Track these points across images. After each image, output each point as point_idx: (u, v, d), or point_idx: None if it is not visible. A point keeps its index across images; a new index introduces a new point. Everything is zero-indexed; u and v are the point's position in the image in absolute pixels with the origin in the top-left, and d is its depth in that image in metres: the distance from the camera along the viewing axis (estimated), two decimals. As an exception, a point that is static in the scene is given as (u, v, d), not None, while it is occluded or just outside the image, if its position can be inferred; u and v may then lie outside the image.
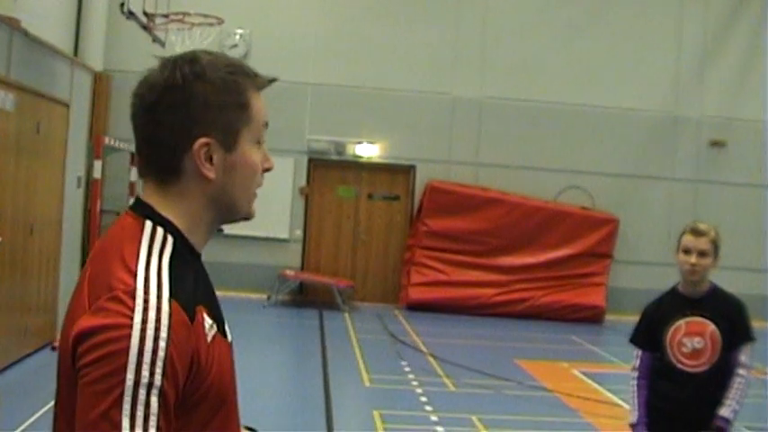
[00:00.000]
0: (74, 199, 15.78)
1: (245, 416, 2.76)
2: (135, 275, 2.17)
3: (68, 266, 15.06)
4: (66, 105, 14.66)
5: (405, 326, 18.96)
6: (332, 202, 22.53)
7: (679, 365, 5.91)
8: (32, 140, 12.84)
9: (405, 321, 19.59)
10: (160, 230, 2.31)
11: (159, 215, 2.33)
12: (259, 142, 2.43)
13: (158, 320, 2.11)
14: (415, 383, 13.33)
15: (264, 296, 20.95)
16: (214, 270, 12.65)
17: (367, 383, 13.35)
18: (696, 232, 5.93)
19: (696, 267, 5.86)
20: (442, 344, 16.99)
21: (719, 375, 5.86)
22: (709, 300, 5.99)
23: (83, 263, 15.91)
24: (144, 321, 2.10)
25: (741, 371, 5.86)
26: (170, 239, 2.30)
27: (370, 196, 22.66)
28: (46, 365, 12.70)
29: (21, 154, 12.37)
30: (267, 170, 2.48)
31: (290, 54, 21.60)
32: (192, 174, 2.34)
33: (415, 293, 21.24)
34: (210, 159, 2.33)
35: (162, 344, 2.09)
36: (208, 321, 2.26)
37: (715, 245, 5.92)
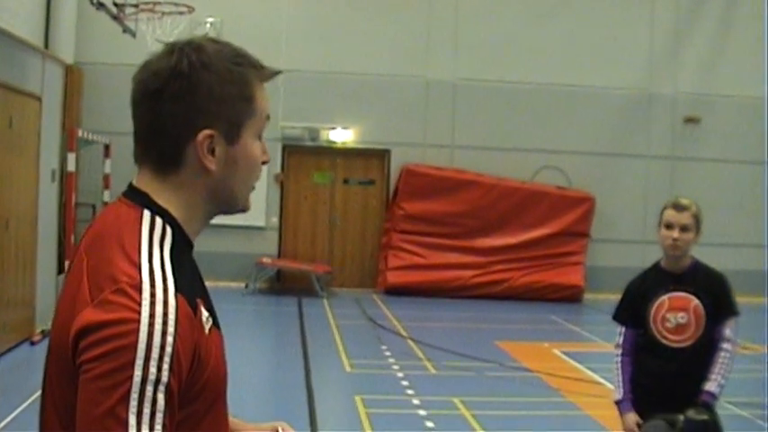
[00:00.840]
0: (48, 192, 15.68)
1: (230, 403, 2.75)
2: (139, 267, 2.12)
3: (45, 260, 14.98)
4: (39, 99, 14.57)
5: (384, 310, 18.96)
6: (307, 188, 22.48)
7: (663, 341, 5.90)
8: (5, 135, 12.76)
9: (384, 306, 19.59)
10: (159, 220, 2.25)
11: (157, 204, 2.28)
12: (260, 135, 2.39)
13: (166, 315, 2.07)
14: (396, 368, 13.33)
15: (242, 285, 20.89)
16: (191, 260, 12.31)
17: (348, 369, 13.33)
18: (678, 207, 5.92)
19: (678, 242, 5.85)
20: (422, 327, 17.01)
21: (704, 350, 5.85)
22: (691, 275, 5.98)
23: (59, 256, 15.84)
24: (152, 316, 2.05)
25: (726, 345, 5.85)
26: (169, 230, 2.26)
27: (345, 181, 22.62)
28: (25, 361, 12.66)
29: (-7, 148, 12.29)
30: (264, 163, 2.42)
31: (262, 41, 21.38)
32: (192, 165, 2.29)
33: (393, 277, 21.22)
34: (213, 151, 2.28)
35: (170, 339, 2.05)
36: (204, 314, 2.23)
37: (697, 219, 5.91)
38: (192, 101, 2.26)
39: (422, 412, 10.76)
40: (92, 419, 2.01)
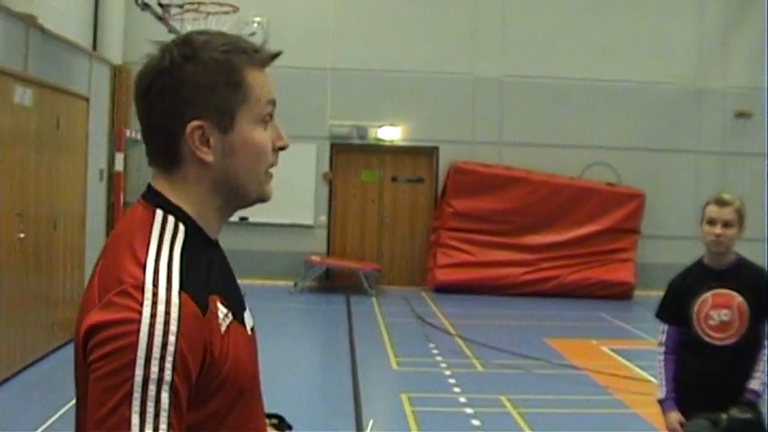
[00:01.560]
0: (97, 192, 15.80)
1: (273, 403, 2.72)
2: (144, 268, 2.13)
3: (93, 260, 14.87)
4: (86, 99, 14.66)
5: (432, 308, 18.92)
6: (356, 186, 22.48)
7: (706, 338, 5.83)
8: (53, 135, 12.85)
9: (432, 303, 19.55)
10: (171, 219, 2.25)
11: (170, 202, 2.28)
12: (265, 121, 2.36)
13: (168, 314, 2.06)
14: (443, 365, 13.29)
15: (291, 283, 20.92)
16: (240, 258, 12.72)
17: (395, 366, 13.33)
18: (720, 202, 5.83)
19: (721, 238, 5.77)
20: (470, 325, 16.94)
21: (748, 348, 5.77)
22: (735, 271, 5.89)
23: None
24: (153, 315, 2.05)
25: None
26: (182, 227, 2.25)
27: (394, 179, 22.59)
28: (73, 360, 12.74)
29: (42, 149, 12.37)
30: (281, 149, 2.40)
31: (309, 40, 21.56)
32: (190, 159, 2.28)
33: (442, 275, 21.17)
34: (207, 143, 2.27)
35: (171, 338, 2.05)
36: (222, 311, 2.21)
37: (740, 215, 5.82)
38: (177, 94, 2.25)
39: (468, 410, 10.73)
40: (97, 419, 2.02)
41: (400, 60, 21.91)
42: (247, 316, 2.40)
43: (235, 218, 14.84)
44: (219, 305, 2.21)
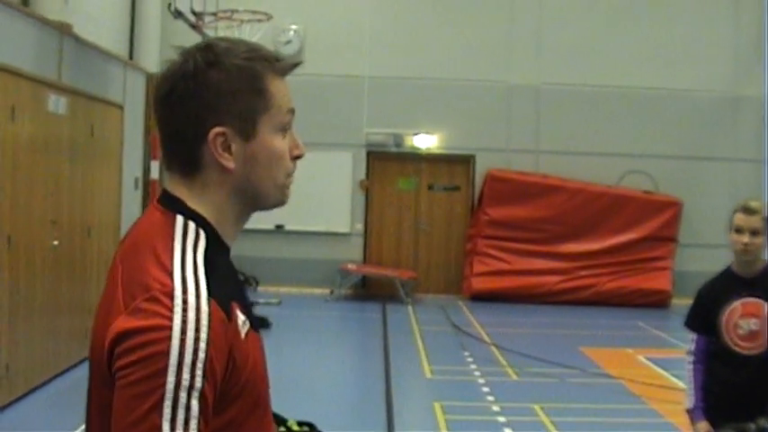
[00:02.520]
0: (131, 200, 15.85)
1: (307, 410, 2.72)
2: (171, 275, 2.12)
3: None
4: (121, 107, 14.72)
5: (468, 316, 18.88)
6: (392, 194, 22.46)
7: (735, 348, 5.76)
8: (87, 143, 12.90)
9: (468, 312, 19.50)
10: (192, 225, 2.25)
11: (189, 209, 2.28)
12: (285, 129, 2.35)
13: (198, 321, 2.06)
14: (477, 374, 13.26)
15: (327, 291, 20.93)
16: (276, 266, 12.93)
17: (428, 375, 13.29)
18: (748, 210, 5.77)
19: (749, 247, 5.71)
20: (506, 333, 16.89)
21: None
22: (764, 279, 5.82)
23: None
24: (184, 322, 2.05)
25: None
26: (202, 234, 2.25)
27: (430, 187, 22.57)
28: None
29: (76, 157, 12.43)
30: (298, 157, 2.39)
31: (345, 48, 21.61)
32: (211, 165, 2.28)
33: (478, 283, 21.13)
34: (229, 149, 2.27)
35: (202, 345, 2.05)
36: (241, 318, 2.20)
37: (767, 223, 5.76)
38: (200, 100, 2.25)
39: (501, 419, 10.69)
40: (125, 426, 2.01)
41: (436, 68, 21.89)
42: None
43: (271, 225, 14.98)
44: (239, 312, 2.20)
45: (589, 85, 22.06)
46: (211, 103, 2.24)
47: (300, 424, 2.62)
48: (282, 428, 7.25)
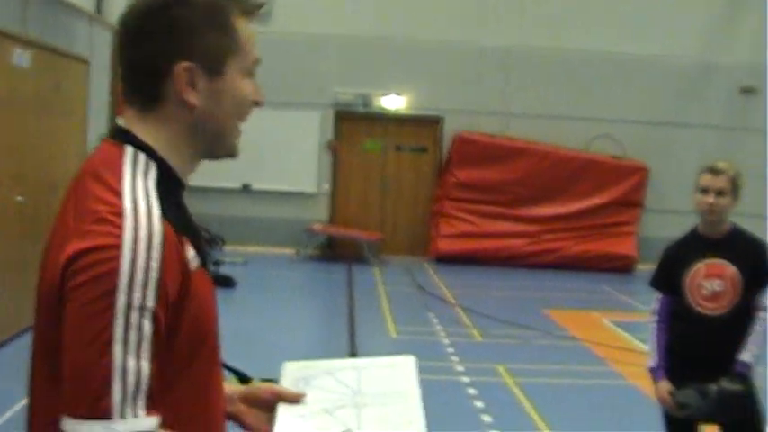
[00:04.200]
0: (97, 156, 15.70)
1: (270, 369, 2.70)
2: (121, 195, 2.08)
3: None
4: (86, 62, 14.57)
5: (433, 278, 18.89)
6: (359, 155, 22.39)
7: (698, 308, 5.76)
8: (52, 98, 12.77)
9: (434, 273, 19.52)
10: (142, 155, 2.21)
11: (140, 140, 2.24)
12: (251, 73, 2.34)
13: (150, 239, 2.02)
14: (442, 334, 13.28)
15: (293, 251, 20.90)
16: (242, 226, 12.91)
17: (394, 335, 13.30)
18: (714, 171, 5.78)
19: (714, 207, 5.71)
20: (471, 295, 16.91)
21: (740, 319, 5.69)
22: (729, 241, 5.82)
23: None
24: (135, 241, 2.00)
25: (762, 314, 5.68)
26: (153, 165, 2.21)
27: (397, 148, 22.51)
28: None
29: (41, 112, 12.30)
30: (257, 104, 2.37)
31: (315, 6, 21.47)
32: (172, 100, 2.25)
33: (444, 245, 21.13)
34: (194, 85, 2.24)
35: (154, 264, 2.01)
36: (191, 252, 2.16)
37: (734, 184, 5.75)
38: (168, 35, 2.23)
39: (465, 379, 10.71)
40: (77, 349, 1.97)
41: (407, 29, 21.77)
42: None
43: (237, 185, 14.88)
44: (189, 246, 2.16)
45: (560, 50, 22.02)
46: (179, 39, 2.23)
47: (265, 381, 2.59)
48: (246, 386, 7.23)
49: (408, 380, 2.59)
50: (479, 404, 9.62)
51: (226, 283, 15.71)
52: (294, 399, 2.47)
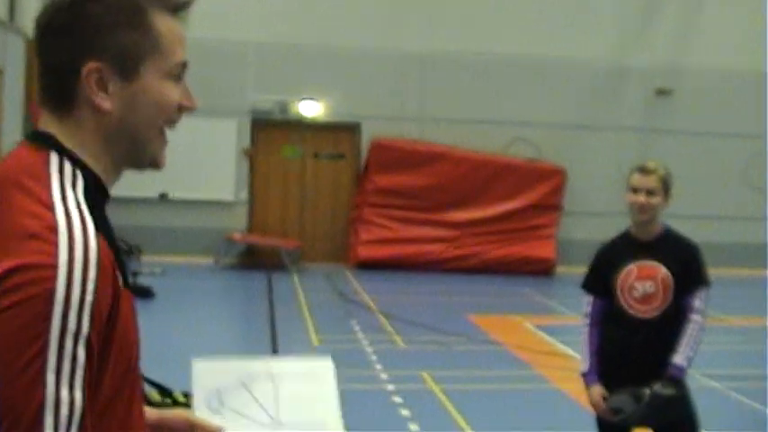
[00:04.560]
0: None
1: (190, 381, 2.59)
2: (52, 208, 1.91)
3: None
4: (0, 72, 14.30)
5: (354, 285, 18.81)
6: (277, 162, 22.26)
7: (630, 310, 5.72)
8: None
9: (354, 280, 19.44)
10: (68, 163, 2.04)
11: (63, 147, 2.07)
12: (175, 76, 2.17)
13: (86, 257, 1.86)
14: (364, 342, 13.18)
15: (211, 260, 20.71)
16: (159, 235, 12.65)
17: (316, 343, 13.18)
18: (644, 170, 5.75)
19: (645, 206, 5.68)
20: (393, 301, 16.86)
21: (672, 321, 5.64)
22: (661, 243, 5.78)
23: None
24: (71, 260, 1.84)
25: (695, 317, 5.63)
26: (80, 174, 2.04)
27: (315, 155, 22.41)
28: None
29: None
30: (188, 109, 2.21)
31: (232, 13, 21.28)
32: (85, 103, 2.08)
33: (365, 252, 21.07)
34: (105, 88, 2.07)
35: (90, 286, 1.85)
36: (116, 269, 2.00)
37: (664, 183, 5.72)
38: (76, 33, 2.07)
39: (390, 387, 10.62)
40: (7, 378, 1.80)
41: (323, 35, 21.68)
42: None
43: (154, 194, 14.64)
44: (115, 261, 2.00)
45: (476, 53, 22.07)
46: (88, 37, 2.06)
47: (186, 395, 2.48)
48: (168, 400, 7.07)
49: (327, 395, 2.47)
50: (406, 412, 9.54)
51: (144, 294, 15.49)
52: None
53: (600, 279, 5.90)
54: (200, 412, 2.42)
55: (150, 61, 2.12)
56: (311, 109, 21.96)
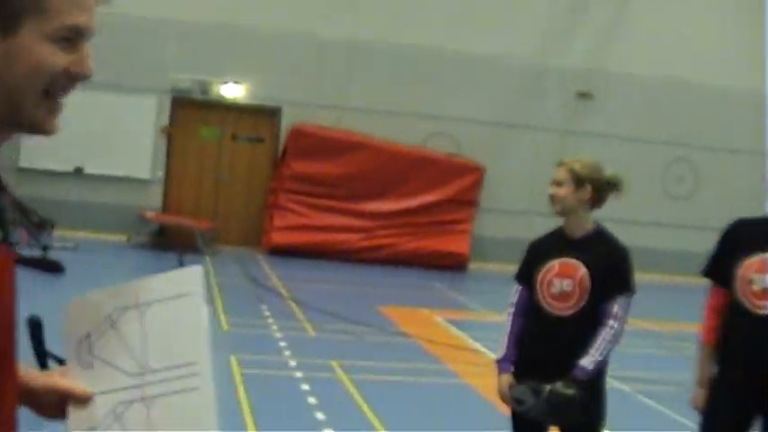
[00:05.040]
0: None
1: None
2: None
3: None
4: None
5: (266, 270, 18.73)
6: (195, 142, 22.06)
7: (546, 306, 5.71)
8: None
9: (267, 266, 19.35)
10: None
11: None
12: (67, 41, 2.01)
13: None
14: (274, 328, 13.12)
15: (124, 237, 20.49)
16: (73, 210, 12.43)
17: (225, 327, 13.07)
18: (558, 164, 5.80)
19: (552, 197, 5.72)
20: (305, 289, 16.80)
21: (585, 322, 5.62)
22: (588, 242, 5.75)
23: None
24: None
25: (611, 322, 5.56)
26: None
27: (234, 138, 22.25)
28: None
29: None
30: (80, 77, 2.05)
31: (155, -11, 21.07)
32: None
33: (278, 237, 20.97)
34: None
35: None
36: None
37: (574, 174, 5.70)
38: None
39: (298, 374, 10.57)
40: None
41: (248, 17, 21.50)
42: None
43: (69, 168, 14.34)
44: None
45: (400, 45, 22.06)
46: None
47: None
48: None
49: (196, 324, 2.27)
50: (313, 400, 9.49)
51: (54, 268, 15.28)
52: (82, 399, 2.21)
53: (527, 271, 5.90)
54: (72, 371, 2.23)
55: (31, 20, 1.98)
56: (232, 91, 21.80)
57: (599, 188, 5.82)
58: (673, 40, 22.94)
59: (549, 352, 5.69)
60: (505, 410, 6.02)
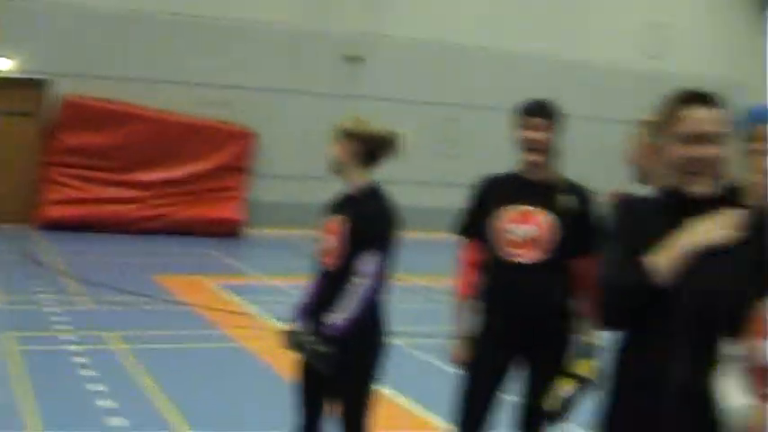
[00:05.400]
0: None
1: None
2: None
3: None
4: None
5: (41, 246, 18.48)
6: (-41, 118, 21.52)
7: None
8: None
9: (41, 241, 19.10)
10: None
11: None
12: None
13: None
14: (47, 303, 13.01)
15: None
16: None
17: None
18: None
19: (327, 155, 5.72)
20: (80, 263, 16.71)
21: (340, 276, 5.62)
22: (352, 199, 5.73)
23: None
24: None
25: (356, 279, 5.54)
26: None
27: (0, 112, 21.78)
28: None
29: None
30: None
31: None
32: None
33: (52, 212, 20.71)
34: None
35: None
36: None
37: (344, 131, 5.62)
38: None
39: (74, 348, 10.54)
40: None
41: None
42: None
43: None
44: None
45: (171, 13, 21.96)
46: None
47: None
48: None
49: None
50: (89, 373, 9.51)
51: None
52: None
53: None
54: None
55: None
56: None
57: (368, 142, 5.77)
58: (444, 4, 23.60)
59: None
60: (282, 371, 6.06)
